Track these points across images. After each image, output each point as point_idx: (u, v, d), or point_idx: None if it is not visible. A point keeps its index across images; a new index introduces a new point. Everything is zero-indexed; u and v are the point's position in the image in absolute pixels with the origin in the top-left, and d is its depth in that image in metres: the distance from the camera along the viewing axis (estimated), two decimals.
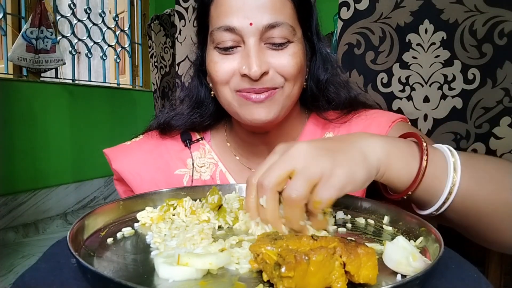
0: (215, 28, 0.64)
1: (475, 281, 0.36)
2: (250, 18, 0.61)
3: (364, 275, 0.32)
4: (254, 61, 0.61)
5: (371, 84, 1.02)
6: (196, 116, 0.76)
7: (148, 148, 0.77)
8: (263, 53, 0.62)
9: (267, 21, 0.61)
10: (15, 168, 2.73)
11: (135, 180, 0.73)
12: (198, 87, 0.76)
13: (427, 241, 0.42)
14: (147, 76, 3.93)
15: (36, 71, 2.90)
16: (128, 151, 0.77)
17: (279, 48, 0.63)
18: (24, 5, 2.87)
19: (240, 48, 0.64)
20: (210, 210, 0.51)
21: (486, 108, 0.90)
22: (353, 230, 0.49)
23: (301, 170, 0.42)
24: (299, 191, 0.41)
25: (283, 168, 0.43)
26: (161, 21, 2.22)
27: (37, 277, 0.36)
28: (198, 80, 0.76)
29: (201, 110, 0.76)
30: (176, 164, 0.75)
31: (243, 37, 0.62)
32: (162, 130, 0.78)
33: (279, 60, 0.63)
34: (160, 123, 0.78)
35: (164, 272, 0.34)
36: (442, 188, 0.48)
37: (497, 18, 0.86)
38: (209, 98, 0.75)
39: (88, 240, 0.44)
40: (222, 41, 0.63)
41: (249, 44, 0.62)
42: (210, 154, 0.77)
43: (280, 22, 0.62)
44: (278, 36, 0.62)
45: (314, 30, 0.71)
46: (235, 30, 0.62)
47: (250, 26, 0.61)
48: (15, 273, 2.00)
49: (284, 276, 0.30)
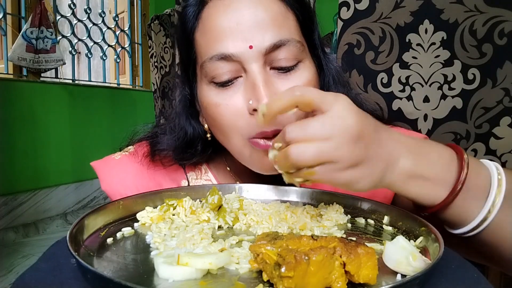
0: (206, 59, 0.52)
1: (475, 281, 0.36)
2: (249, 40, 0.50)
3: (364, 275, 0.32)
4: (263, 91, 0.49)
5: (371, 84, 1.02)
6: (186, 156, 0.65)
7: (138, 167, 0.67)
8: (271, 81, 0.51)
9: (270, 41, 0.50)
10: (15, 168, 2.73)
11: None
12: (187, 127, 0.64)
13: (427, 241, 0.42)
14: (147, 76, 3.92)
15: (36, 71, 2.90)
16: (116, 168, 0.68)
17: (288, 72, 0.53)
18: (24, 5, 2.87)
19: (241, 79, 0.53)
20: (210, 210, 0.51)
21: (486, 108, 0.90)
22: (353, 230, 0.49)
23: (326, 143, 0.37)
24: (306, 159, 0.37)
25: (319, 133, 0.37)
26: (161, 21, 2.22)
27: (37, 277, 0.36)
28: (187, 122, 0.64)
29: (192, 151, 0.65)
30: (169, 186, 0.67)
31: (243, 64, 0.51)
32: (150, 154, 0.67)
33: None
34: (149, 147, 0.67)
35: (163, 272, 0.34)
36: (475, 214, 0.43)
37: (497, 18, 0.86)
38: (203, 139, 0.64)
39: (88, 240, 0.44)
40: (218, 74, 0.52)
41: (252, 71, 0.51)
42: (207, 175, 0.69)
43: (285, 40, 0.51)
44: (285, 57, 0.51)
45: (318, 44, 0.61)
46: (233, 57, 0.51)
47: (250, 49, 0.50)
48: (15, 273, 2.00)
49: (284, 276, 0.30)
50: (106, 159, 0.70)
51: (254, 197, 0.60)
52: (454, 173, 0.44)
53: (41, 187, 2.90)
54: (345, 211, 0.55)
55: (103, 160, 0.70)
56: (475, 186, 0.43)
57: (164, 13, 2.23)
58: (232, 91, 0.53)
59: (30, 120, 2.81)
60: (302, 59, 0.54)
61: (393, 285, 0.30)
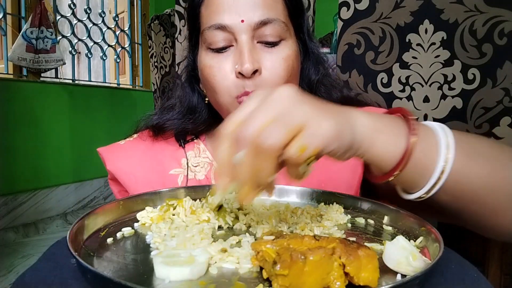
0: (206, 27, 0.63)
1: (475, 281, 0.36)
2: (242, 15, 0.60)
3: (364, 278, 0.32)
4: (246, 57, 0.59)
5: (371, 84, 1.02)
6: (188, 123, 0.74)
7: (142, 148, 0.75)
8: (256, 51, 0.61)
9: (258, 18, 0.60)
10: (15, 168, 2.73)
11: (129, 180, 0.72)
12: (190, 94, 0.75)
13: (427, 241, 0.42)
14: (147, 76, 3.92)
15: (36, 71, 2.89)
16: (122, 151, 0.75)
17: (272, 47, 0.62)
18: (24, 5, 2.87)
19: (232, 48, 0.63)
20: (210, 210, 0.51)
21: (486, 108, 0.90)
22: (353, 230, 0.49)
23: (283, 115, 0.36)
24: (276, 138, 0.34)
25: (266, 115, 0.36)
26: (161, 21, 2.22)
27: (37, 277, 0.36)
28: (190, 87, 0.75)
29: (194, 117, 0.74)
30: (171, 164, 0.74)
31: (235, 35, 0.61)
32: (155, 131, 0.76)
33: (272, 61, 0.61)
34: (153, 125, 0.76)
35: (161, 272, 0.34)
36: (433, 167, 0.43)
37: (497, 18, 0.86)
38: (203, 104, 0.74)
39: (88, 240, 0.44)
40: (214, 41, 0.62)
41: (241, 41, 0.61)
42: (205, 153, 0.75)
43: (272, 19, 0.61)
44: (270, 33, 0.61)
45: (305, 30, 0.70)
46: (227, 28, 0.61)
47: (242, 23, 0.60)
48: (15, 273, 2.00)
49: (279, 274, 0.30)
50: (111, 145, 0.77)
51: None
52: (405, 127, 0.45)
53: (41, 187, 2.90)
54: (345, 211, 0.55)
55: (108, 146, 0.77)
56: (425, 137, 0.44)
57: (164, 13, 2.23)
58: (224, 57, 0.63)
59: (30, 120, 2.81)
60: (285, 38, 0.63)
61: (393, 285, 0.30)
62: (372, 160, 0.44)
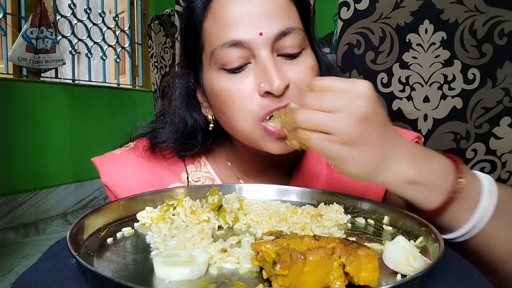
0: (217, 46, 0.55)
1: (475, 281, 0.36)
2: (259, 27, 0.53)
3: (364, 277, 0.32)
4: (274, 73, 0.52)
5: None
6: (187, 146, 0.67)
7: (139, 161, 0.69)
8: (280, 66, 0.55)
9: (278, 29, 0.54)
10: (15, 168, 2.73)
11: (125, 194, 0.65)
12: (186, 120, 0.66)
13: (427, 241, 0.42)
14: (147, 76, 3.92)
15: (36, 71, 2.89)
16: (117, 162, 0.69)
17: (294, 59, 0.56)
18: (24, 5, 2.86)
19: (250, 65, 0.56)
20: (210, 210, 0.51)
21: (486, 108, 0.90)
22: (353, 230, 0.49)
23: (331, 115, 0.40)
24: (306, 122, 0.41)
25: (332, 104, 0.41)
26: (161, 21, 2.22)
27: (37, 277, 0.36)
28: (187, 113, 0.66)
29: (193, 141, 0.67)
30: (170, 178, 0.69)
31: (253, 50, 0.54)
32: (151, 147, 0.68)
33: (298, 73, 0.55)
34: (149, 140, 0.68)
35: (161, 272, 0.34)
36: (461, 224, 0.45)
37: (497, 18, 0.86)
38: (203, 130, 0.67)
39: (88, 240, 0.44)
40: (229, 60, 0.55)
41: (262, 57, 0.54)
42: (206, 168, 0.71)
43: (292, 28, 0.55)
44: (291, 44, 0.55)
45: (314, 36, 0.65)
46: (244, 44, 0.54)
47: (260, 36, 0.53)
48: (15, 273, 2.00)
49: (279, 274, 0.30)
50: (106, 155, 0.72)
51: (254, 197, 0.60)
52: (450, 181, 0.45)
53: (41, 187, 2.90)
54: (345, 211, 0.55)
55: (103, 156, 0.72)
56: (468, 195, 0.45)
57: (164, 13, 2.23)
58: (242, 76, 0.55)
59: (30, 120, 2.81)
60: (305, 47, 0.58)
61: (393, 285, 0.30)
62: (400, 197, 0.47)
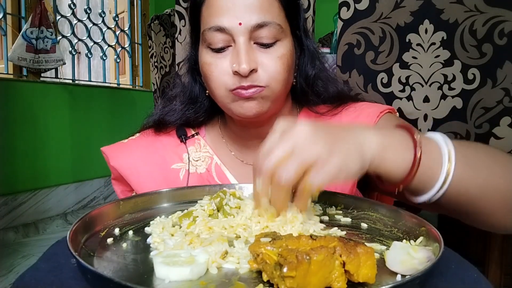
0: (206, 28, 0.66)
1: (475, 281, 0.36)
2: (239, 18, 0.63)
3: (363, 274, 0.32)
4: (243, 58, 0.63)
5: (371, 84, 1.02)
6: (190, 112, 0.78)
7: (144, 144, 0.78)
8: (253, 52, 0.64)
9: (255, 21, 0.63)
10: (15, 168, 2.73)
11: (133, 175, 0.74)
12: (192, 84, 0.78)
13: (427, 241, 0.42)
14: (147, 76, 3.92)
15: (36, 71, 2.89)
16: (125, 148, 0.78)
17: (267, 48, 0.65)
18: (24, 5, 2.86)
19: (231, 48, 0.66)
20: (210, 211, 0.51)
21: (486, 108, 0.90)
22: (353, 230, 0.49)
23: (297, 152, 0.43)
24: (290, 174, 0.42)
25: (282, 150, 0.43)
26: (161, 21, 2.22)
27: (37, 277, 0.36)
28: (192, 78, 0.78)
29: (195, 106, 0.78)
30: (173, 159, 0.77)
31: (233, 37, 0.64)
32: (157, 126, 0.79)
33: (267, 60, 0.65)
34: (155, 119, 0.80)
35: (160, 272, 0.34)
36: (436, 178, 0.49)
37: (497, 18, 0.86)
38: (203, 95, 0.78)
39: (88, 240, 0.44)
40: (213, 42, 0.65)
41: (239, 43, 0.64)
42: (206, 148, 0.79)
43: (268, 22, 0.64)
44: (266, 35, 0.64)
45: (301, 28, 0.73)
46: (225, 30, 0.64)
47: (240, 26, 0.63)
48: (15, 273, 1.99)
49: (286, 276, 0.30)
50: (115, 144, 0.80)
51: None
52: (410, 137, 0.50)
53: (41, 187, 2.90)
54: (345, 211, 0.55)
55: (112, 145, 0.80)
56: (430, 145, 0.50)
57: (164, 13, 2.23)
58: (222, 56, 0.66)
59: (30, 120, 2.81)
60: (280, 38, 0.66)
61: (393, 285, 0.30)
62: (382, 174, 0.50)
